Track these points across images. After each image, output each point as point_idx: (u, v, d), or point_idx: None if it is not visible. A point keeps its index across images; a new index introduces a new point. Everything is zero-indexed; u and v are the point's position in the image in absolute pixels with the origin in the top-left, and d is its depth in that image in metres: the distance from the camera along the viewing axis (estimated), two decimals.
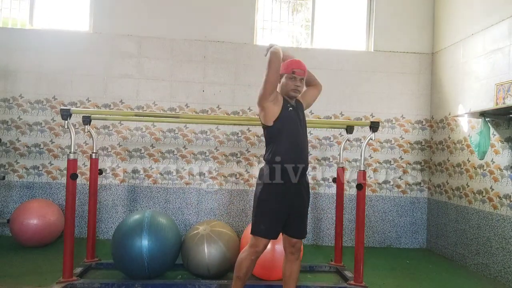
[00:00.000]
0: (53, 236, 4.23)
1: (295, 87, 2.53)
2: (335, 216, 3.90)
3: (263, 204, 2.50)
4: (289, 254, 2.62)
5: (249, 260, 2.50)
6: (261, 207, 2.50)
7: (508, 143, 3.64)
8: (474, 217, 4.03)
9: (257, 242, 2.48)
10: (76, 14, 4.89)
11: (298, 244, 2.61)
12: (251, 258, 2.50)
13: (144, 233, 3.06)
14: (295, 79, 2.52)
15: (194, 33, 4.82)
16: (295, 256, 2.61)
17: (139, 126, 4.75)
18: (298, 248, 2.62)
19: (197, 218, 4.72)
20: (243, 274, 2.51)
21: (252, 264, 2.52)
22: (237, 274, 2.53)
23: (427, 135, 4.95)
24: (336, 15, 5.09)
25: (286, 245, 2.63)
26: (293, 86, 2.52)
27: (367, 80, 4.93)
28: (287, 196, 2.50)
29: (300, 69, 2.54)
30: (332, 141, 4.90)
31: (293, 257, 2.61)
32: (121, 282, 3.07)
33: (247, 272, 2.52)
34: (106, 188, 4.69)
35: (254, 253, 2.49)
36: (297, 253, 2.62)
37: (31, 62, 4.68)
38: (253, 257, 2.50)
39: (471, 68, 4.16)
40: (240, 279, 2.52)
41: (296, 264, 2.62)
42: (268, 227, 2.48)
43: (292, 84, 2.52)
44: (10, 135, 4.67)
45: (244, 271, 2.50)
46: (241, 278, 2.52)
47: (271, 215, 2.48)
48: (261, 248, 2.49)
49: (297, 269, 2.63)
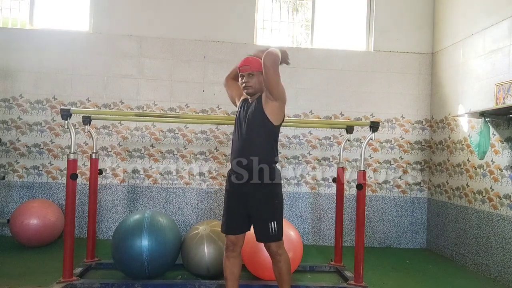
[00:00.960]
0: (53, 236, 4.23)
1: (242, 83, 2.50)
2: (335, 216, 3.90)
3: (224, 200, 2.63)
4: (270, 256, 2.57)
5: (225, 258, 2.57)
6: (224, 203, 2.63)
7: (508, 143, 3.64)
8: (474, 217, 4.03)
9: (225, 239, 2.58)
10: (76, 14, 4.89)
11: (271, 247, 2.48)
12: (225, 255, 2.57)
13: (144, 233, 3.05)
14: (242, 77, 2.50)
15: (194, 33, 4.82)
16: (276, 258, 2.51)
17: (139, 126, 4.75)
18: (274, 252, 2.49)
19: (197, 218, 4.72)
20: (227, 274, 2.54)
21: (229, 262, 2.54)
22: (224, 275, 2.58)
23: (427, 135, 4.95)
24: (336, 15, 5.09)
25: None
26: (242, 85, 2.51)
27: (367, 80, 4.93)
28: (236, 195, 2.53)
29: (244, 65, 2.47)
30: (332, 141, 4.90)
31: (274, 260, 2.54)
32: (121, 282, 3.07)
33: (231, 271, 2.54)
34: (106, 188, 4.69)
35: (225, 250, 2.57)
36: (277, 256, 2.50)
37: (31, 62, 4.68)
38: (225, 253, 2.56)
39: (471, 68, 4.16)
40: (227, 279, 2.56)
41: (279, 265, 2.52)
42: (223, 222, 2.57)
43: (241, 83, 2.52)
44: (10, 135, 4.67)
45: (226, 270, 2.55)
46: (227, 278, 2.55)
47: (224, 211, 2.57)
48: (228, 244, 2.54)
49: (284, 270, 2.52)
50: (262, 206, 2.48)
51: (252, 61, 2.47)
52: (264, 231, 2.47)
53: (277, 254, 2.50)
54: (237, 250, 2.56)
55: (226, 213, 2.57)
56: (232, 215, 2.54)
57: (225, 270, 2.56)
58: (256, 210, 2.48)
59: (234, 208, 2.54)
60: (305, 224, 4.81)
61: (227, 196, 2.59)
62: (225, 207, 2.59)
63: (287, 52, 2.53)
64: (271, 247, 2.50)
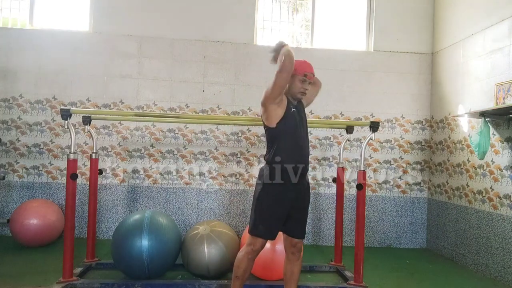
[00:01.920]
0: (53, 236, 4.23)
1: (304, 90, 2.52)
2: (335, 216, 3.90)
3: (263, 205, 2.50)
4: (290, 254, 2.63)
5: (246, 259, 2.51)
6: (261, 207, 2.50)
7: (508, 143, 3.64)
8: (474, 217, 4.03)
9: (255, 241, 2.49)
10: (76, 14, 4.88)
11: (299, 244, 2.62)
12: (248, 257, 2.51)
13: (144, 233, 3.05)
14: (305, 82, 2.51)
15: (194, 33, 4.82)
16: (296, 256, 2.62)
17: (139, 126, 4.75)
18: (299, 248, 2.63)
19: (197, 218, 4.72)
20: (241, 274, 2.52)
21: (249, 264, 2.53)
22: (236, 274, 2.54)
23: (427, 135, 4.95)
24: (336, 15, 5.09)
25: (287, 245, 2.64)
26: (302, 89, 2.52)
27: (367, 80, 4.93)
28: (286, 196, 2.50)
29: (311, 73, 2.53)
30: (332, 141, 4.90)
31: (294, 257, 2.62)
32: (121, 282, 3.08)
33: (245, 272, 2.53)
34: (106, 188, 4.69)
35: (251, 253, 2.50)
36: (298, 253, 2.63)
37: (31, 62, 4.68)
38: (250, 256, 2.51)
39: (471, 68, 4.16)
40: (238, 279, 2.53)
41: (297, 264, 2.63)
42: (267, 228, 2.48)
43: (301, 87, 2.51)
44: (10, 135, 4.67)
45: (242, 270, 2.51)
46: (239, 277, 2.52)
47: (270, 216, 2.49)
48: (258, 248, 2.50)
49: (298, 270, 2.64)
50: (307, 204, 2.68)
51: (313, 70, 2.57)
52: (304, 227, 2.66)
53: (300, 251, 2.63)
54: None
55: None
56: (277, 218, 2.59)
57: (240, 269, 2.52)
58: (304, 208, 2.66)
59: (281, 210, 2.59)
60: None
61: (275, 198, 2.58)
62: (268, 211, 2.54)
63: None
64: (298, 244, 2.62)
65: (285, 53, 2.34)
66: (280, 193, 2.49)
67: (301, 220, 2.61)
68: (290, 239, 2.60)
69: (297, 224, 2.58)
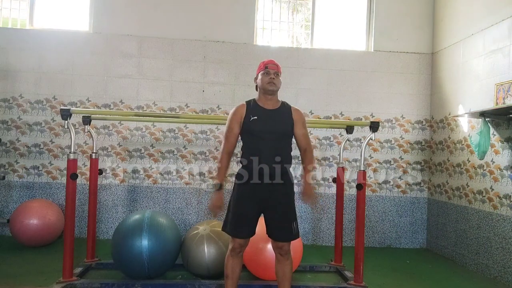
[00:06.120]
0: (53, 236, 4.23)
1: (270, 80, 2.60)
2: (335, 216, 3.90)
3: (230, 203, 2.63)
4: (278, 255, 2.61)
5: (230, 258, 2.58)
6: (228, 205, 2.64)
7: (508, 143, 3.64)
8: (474, 217, 4.03)
9: (232, 240, 2.58)
10: (76, 14, 4.89)
11: (285, 246, 2.56)
12: (231, 255, 2.58)
13: (144, 233, 3.05)
14: (269, 74, 2.61)
15: (194, 33, 4.82)
16: (284, 257, 2.58)
17: (139, 126, 4.75)
18: (286, 251, 2.57)
19: (197, 218, 4.72)
20: (229, 272, 2.57)
21: (234, 261, 2.57)
22: (225, 273, 2.60)
23: (427, 135, 4.95)
24: (336, 15, 5.09)
25: (274, 248, 2.64)
26: (268, 80, 2.60)
27: (367, 80, 4.93)
28: (248, 196, 2.55)
29: (272, 63, 2.67)
30: (332, 141, 4.90)
31: (282, 258, 2.59)
32: (121, 282, 3.07)
33: (233, 270, 2.57)
34: (106, 188, 4.69)
35: (232, 250, 2.57)
36: (286, 255, 2.58)
37: (31, 62, 4.68)
38: (232, 253, 2.57)
39: (471, 68, 4.16)
40: (228, 278, 2.58)
41: (287, 264, 2.59)
42: (231, 225, 2.56)
43: (267, 79, 2.61)
44: (10, 135, 4.67)
45: (229, 269, 2.57)
46: (228, 276, 2.57)
47: (233, 214, 2.57)
48: (235, 246, 2.55)
49: (289, 269, 2.60)
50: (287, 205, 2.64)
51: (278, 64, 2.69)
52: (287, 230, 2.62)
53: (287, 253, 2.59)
54: (243, 251, 2.62)
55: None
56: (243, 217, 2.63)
57: (227, 268, 2.57)
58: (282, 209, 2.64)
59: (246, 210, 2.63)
60: (305, 224, 4.81)
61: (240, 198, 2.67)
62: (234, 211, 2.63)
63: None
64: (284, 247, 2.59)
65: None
66: (242, 192, 2.58)
67: (280, 221, 2.54)
68: (275, 242, 2.59)
69: (276, 226, 2.55)
